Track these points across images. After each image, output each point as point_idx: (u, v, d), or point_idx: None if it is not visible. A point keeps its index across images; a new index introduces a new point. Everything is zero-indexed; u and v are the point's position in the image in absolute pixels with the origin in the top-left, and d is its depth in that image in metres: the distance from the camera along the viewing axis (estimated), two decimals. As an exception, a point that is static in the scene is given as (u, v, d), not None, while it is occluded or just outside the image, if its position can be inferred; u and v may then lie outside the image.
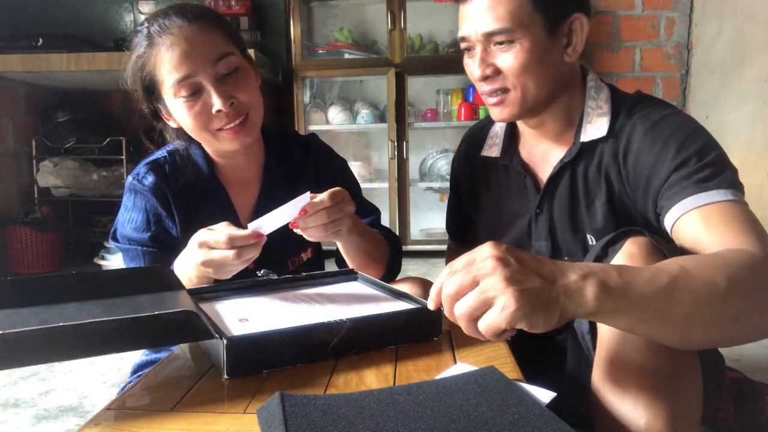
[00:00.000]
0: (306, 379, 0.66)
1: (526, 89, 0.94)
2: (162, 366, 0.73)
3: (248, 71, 1.03)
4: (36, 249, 2.77)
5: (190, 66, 0.96)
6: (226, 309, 0.84)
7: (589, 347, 0.80)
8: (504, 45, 0.93)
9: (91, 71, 2.58)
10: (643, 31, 2.95)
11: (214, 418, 0.58)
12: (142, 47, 0.99)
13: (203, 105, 0.98)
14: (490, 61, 0.95)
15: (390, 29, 2.91)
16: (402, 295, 0.88)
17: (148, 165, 1.07)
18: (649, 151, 0.90)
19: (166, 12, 0.99)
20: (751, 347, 1.72)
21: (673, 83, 2.94)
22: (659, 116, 0.92)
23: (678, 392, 0.70)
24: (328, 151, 1.22)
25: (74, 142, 2.93)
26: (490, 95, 0.97)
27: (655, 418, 0.68)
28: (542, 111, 0.99)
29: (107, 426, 0.57)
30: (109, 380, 1.59)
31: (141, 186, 1.05)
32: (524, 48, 0.92)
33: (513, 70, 0.93)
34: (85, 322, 0.60)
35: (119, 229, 1.08)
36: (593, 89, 1.00)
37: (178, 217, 1.05)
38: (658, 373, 0.69)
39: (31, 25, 3.07)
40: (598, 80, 1.02)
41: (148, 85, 1.01)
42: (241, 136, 1.00)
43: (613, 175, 0.96)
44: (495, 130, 1.14)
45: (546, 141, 1.04)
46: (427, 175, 3.17)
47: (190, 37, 0.96)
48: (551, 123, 1.01)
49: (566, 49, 0.96)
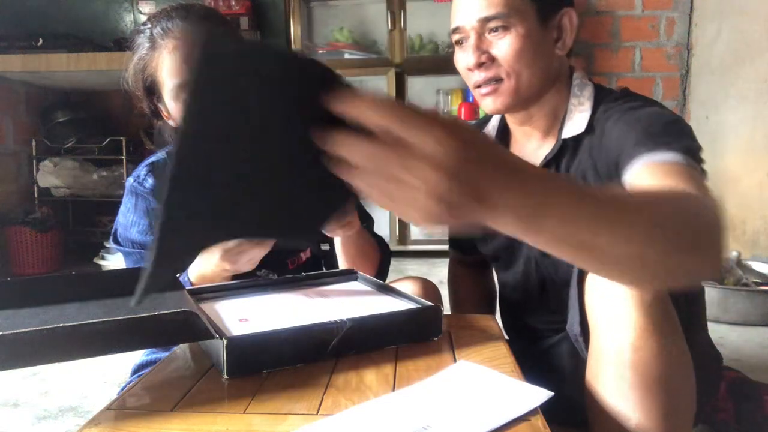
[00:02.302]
0: (306, 379, 0.66)
1: (520, 78, 0.95)
2: (162, 366, 0.73)
3: None
4: (36, 249, 2.77)
5: None
6: (226, 309, 0.84)
7: (582, 349, 0.80)
8: (499, 32, 0.93)
9: (91, 71, 2.58)
10: (643, 31, 2.95)
11: (214, 418, 0.58)
12: (144, 49, 0.99)
13: None
14: (485, 48, 0.95)
15: (390, 29, 2.91)
16: (402, 295, 0.88)
17: (148, 167, 1.07)
18: (617, 137, 0.90)
19: (170, 14, 0.99)
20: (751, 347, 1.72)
21: (673, 83, 2.94)
22: (631, 106, 0.92)
23: (670, 391, 0.70)
24: None
25: (74, 142, 2.93)
26: (482, 85, 0.97)
27: (647, 416, 0.68)
28: (532, 104, 0.99)
29: (107, 426, 0.57)
30: (109, 380, 1.59)
31: (142, 189, 1.05)
32: (519, 34, 0.92)
33: (508, 57, 0.93)
34: (85, 322, 0.60)
35: (121, 232, 1.08)
36: (577, 87, 1.00)
37: None
38: (649, 372, 0.70)
39: (31, 25, 3.07)
40: (584, 78, 1.02)
41: (150, 86, 1.01)
42: None
43: (589, 171, 0.96)
44: (488, 129, 1.14)
45: (534, 139, 1.04)
46: (427, 175, 3.17)
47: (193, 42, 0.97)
48: (539, 119, 1.01)
49: (556, 43, 0.97)
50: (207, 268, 0.91)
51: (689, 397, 0.73)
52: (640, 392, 0.69)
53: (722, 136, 2.58)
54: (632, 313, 0.71)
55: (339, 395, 0.62)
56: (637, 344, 0.70)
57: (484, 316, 0.91)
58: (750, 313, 1.93)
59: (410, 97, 3.01)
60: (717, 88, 2.67)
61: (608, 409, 0.71)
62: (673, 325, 0.73)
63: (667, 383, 0.70)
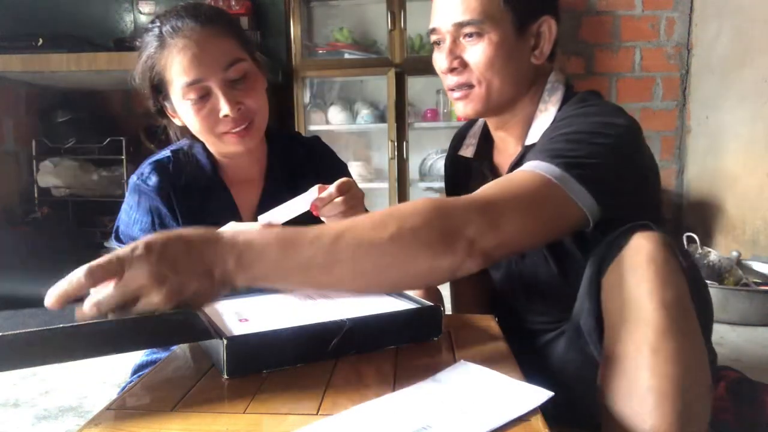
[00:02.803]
0: (306, 379, 0.66)
1: (490, 86, 0.94)
2: (162, 366, 0.73)
3: (257, 76, 1.04)
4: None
5: (201, 70, 0.96)
6: (226, 309, 0.84)
7: (594, 345, 0.80)
8: (473, 38, 0.93)
9: (91, 71, 2.57)
10: (643, 31, 2.95)
11: (214, 418, 0.58)
12: (152, 47, 0.99)
13: (211, 109, 0.98)
14: (458, 53, 0.95)
15: (390, 29, 2.91)
16: (402, 295, 0.88)
17: (153, 165, 1.07)
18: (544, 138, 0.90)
19: (179, 13, 0.99)
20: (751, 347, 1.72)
21: (673, 83, 2.94)
22: (577, 110, 0.91)
23: (686, 394, 0.69)
24: (330, 154, 1.23)
25: (74, 142, 2.93)
26: (455, 89, 0.97)
27: (663, 420, 0.67)
28: (504, 111, 0.99)
29: (107, 426, 0.57)
30: (109, 380, 1.59)
31: (146, 186, 1.05)
32: (492, 42, 0.92)
33: (479, 65, 0.93)
34: (84, 323, 0.60)
35: (123, 229, 1.08)
36: (548, 91, 0.99)
37: (180, 218, 1.05)
38: (665, 376, 0.68)
39: (31, 25, 3.07)
40: (557, 82, 1.00)
41: (157, 84, 1.02)
42: (246, 139, 1.01)
43: None
44: (474, 130, 1.14)
45: (510, 144, 1.04)
46: (427, 175, 3.17)
47: (202, 41, 0.97)
48: (513, 125, 1.01)
49: (533, 51, 0.96)
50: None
51: (705, 399, 0.72)
52: (655, 395, 0.68)
53: (722, 136, 2.58)
54: (652, 313, 0.70)
55: (339, 395, 0.62)
56: (656, 346, 0.69)
57: (484, 316, 0.91)
58: (750, 313, 1.93)
59: (410, 96, 3.01)
60: (717, 88, 2.67)
61: (622, 411, 0.69)
62: (692, 324, 0.72)
63: (683, 386, 0.69)
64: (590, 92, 0.99)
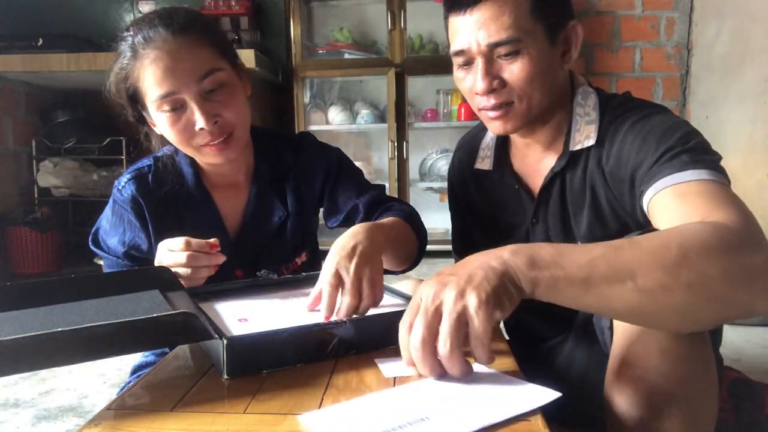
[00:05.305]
0: (306, 379, 0.66)
1: (531, 100, 0.92)
2: (162, 366, 0.73)
3: (236, 86, 0.99)
4: (36, 249, 2.77)
5: (173, 82, 0.92)
6: (226, 309, 0.84)
7: (606, 343, 0.79)
8: (510, 56, 0.90)
9: (91, 71, 2.58)
10: (643, 31, 2.95)
11: (214, 418, 0.58)
12: (126, 58, 0.95)
13: (186, 121, 0.94)
14: (495, 73, 0.91)
15: (390, 29, 2.91)
16: (402, 295, 0.88)
17: (131, 174, 1.06)
18: (629, 149, 0.88)
19: (152, 21, 0.94)
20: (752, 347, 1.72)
21: (673, 83, 2.94)
22: (640, 116, 0.91)
23: (693, 399, 0.68)
24: (318, 149, 1.16)
25: (74, 142, 2.93)
26: (492, 109, 0.94)
27: (669, 424, 0.66)
28: (538, 121, 0.97)
29: (107, 426, 0.57)
30: (109, 380, 1.59)
31: (120, 197, 1.04)
32: (531, 57, 0.89)
33: (520, 81, 0.90)
34: (84, 326, 0.60)
35: (101, 234, 1.09)
36: (581, 95, 0.98)
37: (153, 230, 1.03)
38: (673, 379, 0.67)
39: (31, 25, 3.07)
40: (586, 85, 1.00)
41: (132, 95, 0.99)
42: (226, 152, 0.98)
43: (598, 181, 0.94)
44: (486, 141, 1.11)
45: (537, 150, 1.02)
46: (427, 175, 3.17)
47: (175, 52, 0.92)
48: (542, 132, 0.99)
49: (563, 57, 0.95)
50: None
51: (712, 403, 0.71)
52: (662, 398, 0.67)
53: (722, 136, 2.58)
54: None
55: (339, 395, 0.62)
56: (664, 348, 0.68)
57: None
58: (750, 313, 1.92)
59: (410, 96, 3.01)
60: (717, 88, 2.67)
61: (628, 415, 0.69)
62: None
63: (690, 391, 0.68)
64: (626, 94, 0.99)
